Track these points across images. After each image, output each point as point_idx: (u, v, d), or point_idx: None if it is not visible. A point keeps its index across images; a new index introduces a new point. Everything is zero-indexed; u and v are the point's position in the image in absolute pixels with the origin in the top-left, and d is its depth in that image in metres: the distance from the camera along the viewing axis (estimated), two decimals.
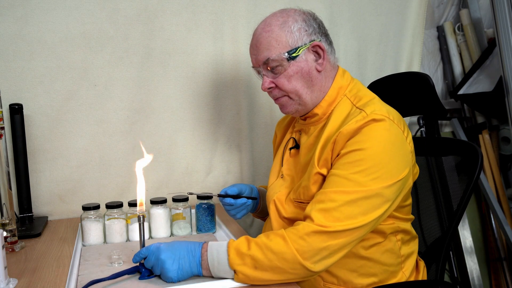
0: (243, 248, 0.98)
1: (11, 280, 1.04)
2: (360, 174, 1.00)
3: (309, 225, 0.97)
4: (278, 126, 1.43)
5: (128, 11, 1.61)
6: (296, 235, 0.97)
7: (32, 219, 1.53)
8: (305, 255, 0.95)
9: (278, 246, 0.96)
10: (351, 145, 1.04)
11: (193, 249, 1.02)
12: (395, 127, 1.06)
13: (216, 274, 1.00)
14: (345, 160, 1.03)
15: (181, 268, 0.99)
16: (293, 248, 0.95)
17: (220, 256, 0.99)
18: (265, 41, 1.13)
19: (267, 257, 0.96)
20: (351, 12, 1.89)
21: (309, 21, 1.15)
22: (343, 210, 0.98)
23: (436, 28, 2.20)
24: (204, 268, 1.00)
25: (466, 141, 1.33)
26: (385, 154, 1.02)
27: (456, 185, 1.34)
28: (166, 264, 0.99)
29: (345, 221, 0.97)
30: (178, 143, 1.72)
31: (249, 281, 0.98)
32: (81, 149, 1.61)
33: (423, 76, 1.39)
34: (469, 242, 2.15)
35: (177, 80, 1.69)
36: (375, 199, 1.00)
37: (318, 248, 0.96)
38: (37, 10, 1.53)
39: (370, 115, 1.04)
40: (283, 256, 0.95)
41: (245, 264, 0.97)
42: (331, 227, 0.96)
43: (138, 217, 1.06)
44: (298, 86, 1.14)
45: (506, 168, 2.24)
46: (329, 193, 1.01)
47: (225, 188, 1.29)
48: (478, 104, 2.14)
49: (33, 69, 1.54)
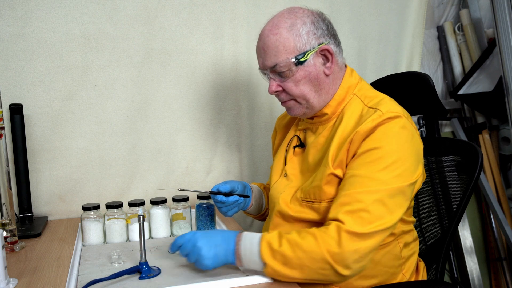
0: (275, 244, 0.98)
1: (11, 280, 1.04)
2: (382, 172, 1.00)
3: (340, 226, 0.96)
4: (278, 122, 1.42)
5: (128, 11, 1.61)
6: (328, 235, 0.96)
7: (32, 219, 1.53)
8: (336, 257, 0.94)
9: (309, 244, 0.96)
10: (368, 144, 1.03)
11: (228, 237, 1.03)
12: (410, 125, 1.07)
13: (246, 264, 1.01)
14: (364, 159, 1.02)
15: (217, 255, 1.00)
16: (324, 249, 0.95)
17: (252, 248, 1.00)
18: (273, 45, 1.11)
19: (296, 255, 0.96)
20: (351, 12, 1.89)
21: (318, 23, 1.12)
22: (372, 210, 0.97)
23: (436, 28, 2.20)
24: (237, 257, 1.01)
25: (466, 141, 1.33)
26: (403, 151, 1.02)
27: (456, 185, 1.34)
28: (203, 251, 1.00)
29: (374, 222, 0.96)
30: (178, 143, 1.71)
31: (278, 276, 0.98)
32: (81, 149, 1.61)
33: (423, 76, 1.39)
34: (469, 242, 2.15)
35: (177, 80, 1.69)
36: (399, 197, 1.00)
37: (349, 251, 0.94)
38: (37, 10, 1.53)
39: (386, 114, 1.04)
40: (312, 256, 0.95)
41: (275, 259, 0.97)
42: (362, 229, 0.95)
43: (138, 217, 1.06)
44: (305, 91, 1.13)
45: (506, 168, 2.24)
46: (354, 194, 0.99)
47: (217, 184, 1.25)
48: (478, 104, 2.14)
49: (33, 69, 1.54)
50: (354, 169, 1.03)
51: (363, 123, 1.05)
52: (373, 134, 1.03)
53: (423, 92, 1.40)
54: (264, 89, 1.77)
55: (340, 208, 0.99)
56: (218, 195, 1.23)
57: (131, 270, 1.04)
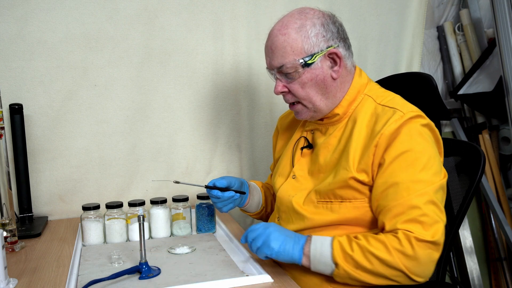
0: (347, 247, 0.99)
1: (11, 280, 1.04)
2: (422, 173, 1.00)
3: (408, 235, 0.95)
4: (280, 121, 1.40)
5: (128, 11, 1.61)
6: (399, 243, 0.96)
7: (32, 219, 1.53)
8: (412, 268, 0.95)
9: (380, 252, 0.96)
10: (396, 148, 1.02)
11: (300, 236, 1.05)
12: (429, 121, 1.08)
13: (315, 265, 1.01)
14: (400, 164, 1.01)
15: (285, 243, 1.02)
16: (397, 258, 0.95)
17: (323, 248, 1.00)
18: (281, 45, 1.10)
19: (369, 261, 0.96)
20: (351, 12, 1.89)
21: (328, 26, 1.11)
22: (428, 213, 0.97)
23: (436, 28, 2.20)
24: (305, 254, 1.02)
25: (469, 142, 1.32)
26: (431, 149, 1.04)
27: (457, 185, 1.34)
28: (272, 235, 1.02)
29: (434, 224, 0.97)
30: (178, 143, 1.71)
31: (348, 279, 0.99)
32: (81, 149, 1.61)
33: (425, 77, 1.38)
34: (469, 242, 2.15)
35: (177, 80, 1.69)
36: (440, 192, 1.02)
37: (425, 261, 0.96)
38: (37, 10, 1.53)
39: (407, 114, 1.04)
40: (387, 263, 0.96)
41: (347, 262, 0.98)
42: (430, 236, 0.95)
43: (138, 217, 1.06)
44: (311, 93, 1.12)
45: (506, 168, 2.24)
46: (406, 202, 0.98)
47: (214, 179, 1.23)
48: (478, 104, 2.14)
49: (33, 69, 1.54)
50: (394, 177, 1.01)
51: (386, 124, 1.03)
52: (399, 136, 1.02)
53: (426, 92, 1.39)
54: (264, 89, 1.78)
55: (397, 218, 0.98)
56: (213, 190, 1.20)
57: (131, 270, 1.04)
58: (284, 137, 1.36)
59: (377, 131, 1.04)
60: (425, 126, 1.06)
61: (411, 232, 0.96)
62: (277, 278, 1.04)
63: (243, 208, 1.34)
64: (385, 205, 1.01)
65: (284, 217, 1.19)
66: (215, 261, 1.14)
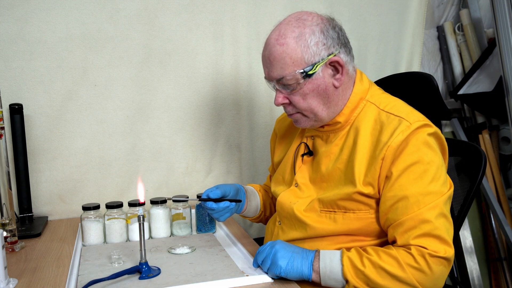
0: (357, 262, 0.98)
1: (11, 280, 1.04)
2: (432, 184, 0.99)
3: (422, 251, 0.95)
4: (278, 124, 1.37)
5: (128, 11, 1.61)
6: (413, 260, 0.95)
7: (32, 219, 1.53)
8: (426, 284, 0.96)
9: (392, 268, 0.95)
10: (405, 160, 1.00)
11: (307, 252, 1.04)
12: (436, 129, 1.06)
13: (325, 281, 1.00)
14: (409, 177, 1.00)
15: (292, 261, 1.01)
16: (411, 275, 0.95)
17: (333, 265, 0.99)
18: (279, 56, 1.05)
19: (381, 277, 0.96)
20: (351, 12, 1.89)
21: (328, 32, 1.05)
22: (439, 226, 0.97)
23: (436, 28, 2.20)
24: (315, 270, 1.00)
25: (469, 142, 1.32)
26: (437, 158, 1.02)
27: (457, 186, 1.34)
28: (279, 252, 1.02)
29: (447, 240, 0.97)
30: (178, 143, 1.71)
31: None
32: (81, 149, 1.61)
33: (426, 77, 1.38)
34: (469, 242, 2.15)
35: (177, 80, 1.69)
36: (449, 202, 1.02)
37: (439, 277, 0.96)
38: (37, 10, 1.53)
39: (414, 124, 1.01)
40: (400, 279, 0.95)
41: (358, 278, 0.97)
42: (443, 252, 0.96)
43: (138, 217, 1.06)
44: (313, 104, 1.08)
45: (506, 168, 2.24)
46: (417, 216, 0.97)
47: (207, 190, 1.18)
48: (478, 104, 2.14)
49: (33, 69, 1.54)
50: (403, 190, 0.99)
51: (392, 135, 1.01)
52: (406, 148, 1.00)
53: (427, 92, 1.39)
54: (264, 89, 1.77)
55: (409, 233, 0.98)
56: (208, 202, 1.16)
57: (131, 270, 1.04)
58: (282, 141, 1.32)
59: (383, 143, 1.02)
60: (431, 135, 1.03)
61: (425, 248, 0.95)
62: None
63: (241, 214, 1.32)
64: (395, 219, 1.00)
65: (286, 222, 1.17)
66: (215, 261, 1.14)
